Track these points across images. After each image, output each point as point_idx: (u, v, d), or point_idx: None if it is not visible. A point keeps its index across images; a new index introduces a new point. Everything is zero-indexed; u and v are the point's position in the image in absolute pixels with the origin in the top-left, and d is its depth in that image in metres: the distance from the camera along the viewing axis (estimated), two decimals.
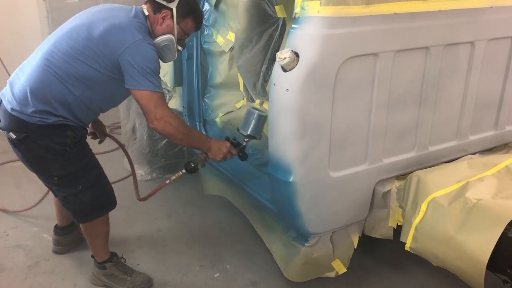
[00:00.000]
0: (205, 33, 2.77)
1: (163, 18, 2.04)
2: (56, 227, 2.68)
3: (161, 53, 2.06)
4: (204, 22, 2.76)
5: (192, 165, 2.18)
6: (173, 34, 2.06)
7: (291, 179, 1.87)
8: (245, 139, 2.16)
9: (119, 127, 4.23)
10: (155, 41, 2.02)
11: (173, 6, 2.01)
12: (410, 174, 2.05)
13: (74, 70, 1.94)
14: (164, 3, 2.01)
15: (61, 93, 1.96)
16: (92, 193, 2.15)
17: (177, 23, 2.04)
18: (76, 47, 1.93)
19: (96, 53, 1.92)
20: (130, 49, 1.89)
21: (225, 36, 2.68)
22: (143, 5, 2.07)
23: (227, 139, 2.20)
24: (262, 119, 2.12)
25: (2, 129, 2.04)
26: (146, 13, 2.04)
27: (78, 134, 2.07)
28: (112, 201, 2.29)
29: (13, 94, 1.99)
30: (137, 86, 1.92)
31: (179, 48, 2.14)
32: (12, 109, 1.97)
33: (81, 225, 2.27)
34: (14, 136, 1.99)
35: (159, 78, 1.97)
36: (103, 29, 1.91)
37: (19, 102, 1.96)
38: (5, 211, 3.09)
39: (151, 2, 2.04)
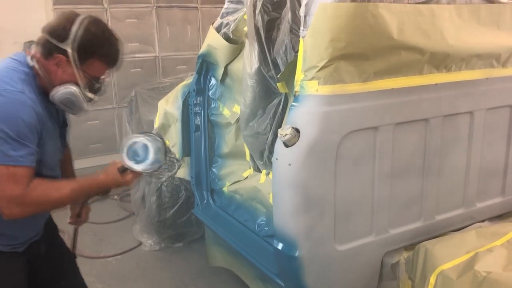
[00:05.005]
0: (212, 105, 2.87)
1: (57, 65, 1.57)
2: None
3: (65, 108, 1.65)
4: (211, 96, 2.86)
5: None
6: (76, 82, 1.60)
7: (296, 254, 1.86)
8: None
9: (129, 195, 4.28)
10: (51, 94, 1.59)
11: (67, 47, 1.54)
12: (418, 245, 2.03)
13: None
14: (55, 42, 1.55)
15: None
16: None
17: (78, 67, 1.58)
18: None
19: None
20: None
21: (231, 108, 2.76)
22: (29, 50, 1.62)
23: (122, 169, 1.71)
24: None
25: None
26: (31, 62, 1.59)
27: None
28: None
29: None
30: None
31: (90, 95, 1.65)
32: None
33: None
34: None
35: (27, 145, 1.47)
36: None
37: None
38: None
39: (39, 44, 1.58)
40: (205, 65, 2.79)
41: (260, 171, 2.69)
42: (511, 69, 2.22)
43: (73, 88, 1.58)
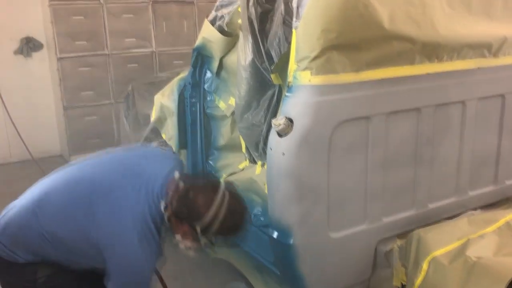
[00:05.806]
0: (208, 99, 2.89)
1: (184, 232, 1.72)
2: None
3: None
4: (206, 89, 2.88)
5: None
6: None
7: (291, 242, 1.89)
8: None
9: None
10: (174, 242, 1.77)
11: (198, 226, 1.67)
12: (411, 233, 2.06)
13: (61, 232, 1.70)
14: (188, 218, 1.69)
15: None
16: None
17: (199, 240, 1.73)
18: (69, 209, 1.71)
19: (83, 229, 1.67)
20: (117, 248, 1.63)
21: (227, 101, 2.78)
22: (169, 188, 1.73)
23: None
24: None
25: None
26: (162, 211, 1.71)
27: (55, 266, 1.77)
28: None
29: None
30: None
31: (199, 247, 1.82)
32: None
33: None
34: None
35: None
36: (102, 211, 1.66)
37: None
38: None
39: (174, 206, 1.69)
40: (201, 58, 2.81)
41: (255, 163, 2.71)
42: (502, 58, 2.25)
43: (193, 251, 1.77)
